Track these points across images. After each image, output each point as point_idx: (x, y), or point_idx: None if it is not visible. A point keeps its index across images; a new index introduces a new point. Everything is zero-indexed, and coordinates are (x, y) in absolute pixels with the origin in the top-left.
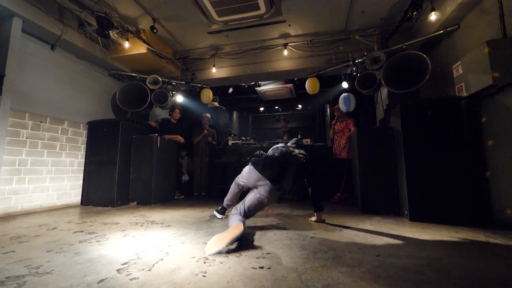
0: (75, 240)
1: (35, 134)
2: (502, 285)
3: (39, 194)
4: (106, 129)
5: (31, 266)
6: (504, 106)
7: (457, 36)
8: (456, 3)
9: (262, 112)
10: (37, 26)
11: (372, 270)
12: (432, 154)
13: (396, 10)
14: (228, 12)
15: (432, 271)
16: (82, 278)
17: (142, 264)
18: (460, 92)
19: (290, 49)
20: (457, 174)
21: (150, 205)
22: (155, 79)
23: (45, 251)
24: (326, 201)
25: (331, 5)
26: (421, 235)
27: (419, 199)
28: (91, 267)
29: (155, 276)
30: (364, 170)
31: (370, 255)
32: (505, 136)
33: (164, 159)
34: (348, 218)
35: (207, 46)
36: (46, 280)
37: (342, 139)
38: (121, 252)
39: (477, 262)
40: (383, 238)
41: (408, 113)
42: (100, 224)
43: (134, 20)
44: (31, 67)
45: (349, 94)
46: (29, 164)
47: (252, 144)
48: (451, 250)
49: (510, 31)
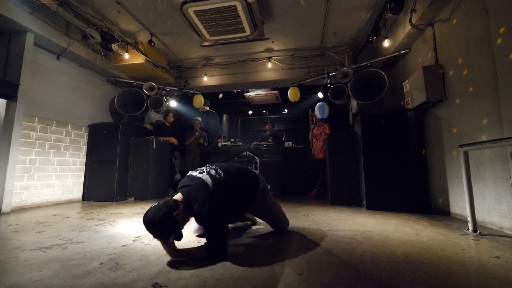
0: (91, 224)
1: (43, 136)
2: (404, 243)
3: (46, 190)
4: (106, 132)
5: (64, 239)
6: (436, 117)
7: (409, 58)
8: (404, 32)
9: (251, 115)
10: (46, 39)
11: (320, 238)
12: (385, 155)
13: (363, 32)
14: (219, 33)
15: (362, 237)
16: (108, 244)
17: (150, 237)
18: (408, 105)
19: (273, 62)
20: (404, 172)
21: (147, 200)
22: (151, 86)
23: (70, 231)
24: (303, 197)
25: (307, 27)
26: (369, 219)
27: (374, 192)
28: (112, 239)
29: None
30: (333, 169)
31: (323, 230)
32: (436, 141)
33: (159, 159)
34: (318, 208)
35: (199, 57)
36: (81, 246)
37: (320, 142)
38: (132, 231)
39: (395, 232)
40: (339, 220)
41: (367, 121)
42: (107, 214)
43: (133, 34)
44: (39, 76)
45: (324, 103)
46: (37, 163)
47: (240, 145)
48: (383, 227)
49: (441, 59)
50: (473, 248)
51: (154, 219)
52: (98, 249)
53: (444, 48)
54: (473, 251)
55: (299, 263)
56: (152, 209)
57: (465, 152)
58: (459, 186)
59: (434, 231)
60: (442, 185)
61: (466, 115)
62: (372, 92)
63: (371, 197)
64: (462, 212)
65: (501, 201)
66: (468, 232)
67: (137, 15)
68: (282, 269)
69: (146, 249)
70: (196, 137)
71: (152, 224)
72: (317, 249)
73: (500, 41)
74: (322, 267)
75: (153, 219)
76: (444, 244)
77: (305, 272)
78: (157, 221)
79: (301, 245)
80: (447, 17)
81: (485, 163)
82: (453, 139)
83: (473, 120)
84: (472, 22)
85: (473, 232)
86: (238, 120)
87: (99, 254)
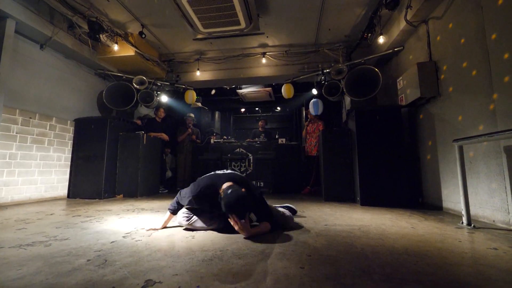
0: (77, 221)
1: (25, 129)
2: (402, 237)
3: (28, 186)
4: (93, 126)
5: (48, 235)
6: (429, 113)
7: (402, 55)
8: (399, 29)
9: (243, 113)
10: (29, 27)
11: (318, 233)
12: (379, 151)
13: (357, 29)
14: (213, 25)
15: (360, 232)
16: (96, 241)
17: (141, 233)
18: (401, 101)
19: (268, 57)
20: (397, 168)
21: (136, 197)
22: (141, 80)
23: (54, 228)
24: (297, 193)
25: (303, 22)
26: (364, 214)
27: (368, 188)
28: (100, 235)
29: (154, 239)
30: (327, 165)
31: (320, 225)
32: (429, 137)
33: (150, 156)
34: (312, 205)
35: (192, 51)
36: (67, 242)
37: (313, 139)
38: (122, 227)
39: (392, 226)
40: (335, 216)
41: (361, 117)
42: (94, 210)
43: (123, 25)
44: (21, 66)
45: (318, 100)
46: (19, 157)
47: (233, 142)
48: (379, 221)
49: (435, 56)
50: (470, 240)
51: (241, 198)
52: (85, 245)
53: (438, 45)
54: (470, 243)
55: (299, 257)
56: (234, 192)
57: (459, 146)
58: (452, 181)
59: (429, 224)
60: (434, 181)
61: (459, 111)
62: (366, 89)
63: (365, 193)
64: (455, 206)
65: (493, 195)
66: (463, 225)
67: (127, 5)
68: (283, 263)
69: (137, 245)
70: (188, 134)
71: (240, 202)
72: (316, 243)
73: (495, 37)
74: (323, 261)
75: (240, 198)
76: (441, 237)
77: (307, 266)
78: (242, 201)
79: (299, 240)
80: (441, 14)
81: (478, 158)
82: (446, 135)
83: (466, 115)
84: (466, 19)
85: (468, 226)
86: (230, 117)
87: (86, 250)
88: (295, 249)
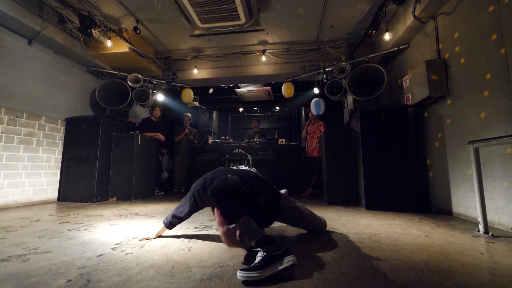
0: (64, 229)
1: (11, 129)
2: (418, 248)
3: (14, 189)
4: (85, 126)
5: (28, 248)
6: (438, 113)
7: (408, 53)
8: (405, 26)
9: (242, 112)
10: (15, 20)
11: (326, 243)
12: (385, 153)
13: (361, 26)
14: (211, 20)
15: (371, 241)
16: (81, 254)
17: (133, 244)
18: (407, 101)
19: (267, 55)
20: (404, 170)
21: (130, 200)
22: (136, 77)
23: (37, 237)
24: (298, 196)
25: (304, 19)
26: (371, 220)
27: (373, 191)
28: (86, 247)
29: (147, 252)
30: (330, 167)
31: (326, 233)
32: (437, 138)
33: (145, 156)
34: (315, 208)
35: (189, 48)
36: (48, 256)
37: (314, 140)
38: (112, 236)
39: (404, 235)
40: (340, 222)
41: (366, 118)
42: (84, 216)
43: (117, 20)
44: (7, 62)
45: (319, 99)
46: (4, 159)
47: (231, 143)
48: (389, 228)
49: (444, 53)
50: (494, 253)
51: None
52: (67, 260)
53: (448, 42)
54: (495, 255)
55: (309, 275)
56: (230, 180)
57: (475, 148)
58: (462, 185)
59: (443, 232)
60: (443, 184)
61: (472, 111)
62: (370, 88)
63: (370, 196)
64: (466, 212)
65: (511, 200)
66: (479, 233)
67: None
68: (293, 284)
69: (127, 259)
70: (185, 134)
71: (228, 194)
72: (325, 257)
73: None
74: (337, 279)
75: (234, 190)
76: (461, 248)
77: (320, 286)
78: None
79: (305, 252)
80: (452, 9)
81: (494, 160)
82: (457, 136)
83: (479, 115)
84: (480, 13)
85: (485, 234)
86: (228, 117)
87: (68, 267)
88: (304, 264)
